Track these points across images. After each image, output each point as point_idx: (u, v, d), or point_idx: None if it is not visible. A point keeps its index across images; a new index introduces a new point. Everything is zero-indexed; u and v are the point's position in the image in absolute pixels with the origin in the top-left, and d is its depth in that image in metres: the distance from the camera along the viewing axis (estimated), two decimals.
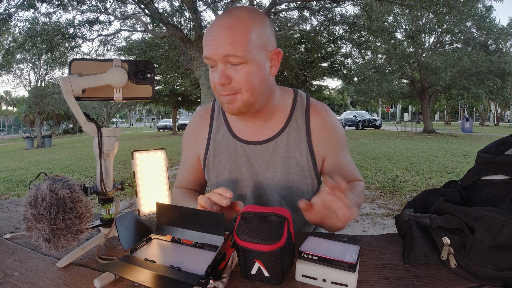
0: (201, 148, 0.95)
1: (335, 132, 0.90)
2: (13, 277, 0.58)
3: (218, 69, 0.74)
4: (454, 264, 0.57)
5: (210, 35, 0.74)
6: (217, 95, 0.79)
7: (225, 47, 0.71)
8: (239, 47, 0.72)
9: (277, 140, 0.88)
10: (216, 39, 0.72)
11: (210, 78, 0.78)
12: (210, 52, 0.74)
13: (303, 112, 0.90)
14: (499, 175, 0.63)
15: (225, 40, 0.71)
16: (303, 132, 0.88)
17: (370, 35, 9.96)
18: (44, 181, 0.58)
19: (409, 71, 16.04)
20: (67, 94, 0.60)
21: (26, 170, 7.02)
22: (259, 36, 0.75)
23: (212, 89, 0.79)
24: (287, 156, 0.87)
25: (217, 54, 0.73)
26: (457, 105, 27.11)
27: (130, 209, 2.50)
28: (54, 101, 16.49)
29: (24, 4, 6.68)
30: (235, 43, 0.72)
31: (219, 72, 0.74)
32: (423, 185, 4.64)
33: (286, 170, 0.87)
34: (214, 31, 0.73)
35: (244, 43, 0.72)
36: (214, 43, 0.73)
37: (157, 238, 0.67)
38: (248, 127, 0.89)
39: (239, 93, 0.76)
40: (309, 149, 0.88)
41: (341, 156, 0.91)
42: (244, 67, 0.74)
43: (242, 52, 0.72)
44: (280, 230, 0.53)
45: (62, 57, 9.70)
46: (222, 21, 0.74)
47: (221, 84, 0.74)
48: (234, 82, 0.75)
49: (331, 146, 0.89)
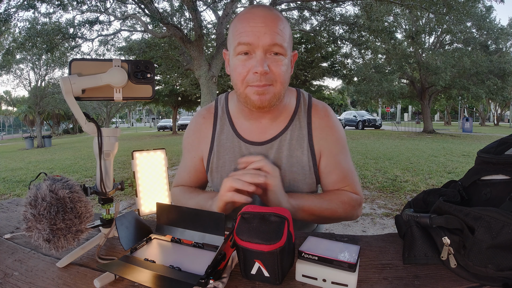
0: (204, 149, 0.94)
1: (333, 132, 0.90)
2: (13, 277, 0.58)
3: (257, 57, 0.73)
4: (454, 264, 0.56)
5: (254, 21, 0.73)
6: (244, 86, 0.77)
7: (273, 35, 0.72)
8: (285, 39, 0.75)
9: (281, 138, 0.88)
10: (262, 27, 0.72)
11: (240, 67, 0.76)
12: (253, 39, 0.72)
13: (306, 112, 0.90)
14: (499, 175, 0.63)
15: (273, 29, 0.73)
16: (305, 131, 0.88)
17: (370, 35, 9.94)
18: (44, 181, 0.58)
19: (409, 71, 16.04)
20: (67, 94, 0.60)
21: (26, 170, 7.02)
22: (290, 35, 0.79)
23: (239, 79, 0.77)
24: (289, 155, 0.87)
25: (262, 41, 0.72)
26: (457, 105, 27.10)
27: (130, 209, 2.50)
28: (54, 101, 16.49)
29: (24, 4, 6.68)
30: (283, 34, 0.74)
31: (260, 60, 0.73)
32: (423, 185, 4.64)
33: (289, 168, 0.87)
34: (260, 18, 0.73)
35: (286, 37, 0.75)
36: (259, 30, 0.72)
37: (157, 238, 0.67)
38: (254, 127, 0.89)
39: (272, 85, 0.76)
40: (310, 148, 0.88)
41: (338, 158, 0.89)
42: (283, 60, 0.76)
43: (286, 44, 0.75)
44: (280, 230, 0.53)
45: (62, 57, 9.71)
46: (266, 12, 0.75)
47: (264, 73, 0.73)
48: (271, 73, 0.75)
49: (327, 145, 0.89)
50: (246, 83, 0.76)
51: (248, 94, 0.78)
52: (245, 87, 0.77)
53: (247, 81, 0.76)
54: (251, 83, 0.75)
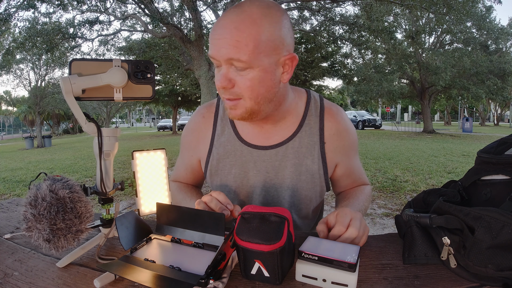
0: (202, 150, 0.90)
1: (349, 137, 0.86)
2: (13, 277, 0.58)
3: (222, 70, 0.68)
4: (454, 264, 0.56)
5: (215, 32, 0.67)
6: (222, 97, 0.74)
7: (228, 49, 0.64)
8: (245, 51, 0.64)
9: (288, 145, 0.82)
10: (220, 39, 0.65)
11: (215, 77, 0.72)
12: (214, 52, 0.67)
13: (317, 116, 0.84)
14: (499, 175, 0.63)
15: (229, 41, 0.64)
16: (317, 138, 0.83)
17: (370, 35, 9.96)
18: (44, 181, 0.58)
19: (409, 71, 16.04)
20: (67, 94, 0.60)
21: (26, 170, 7.02)
22: (270, 38, 0.65)
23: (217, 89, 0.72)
24: (297, 163, 0.82)
25: (220, 55, 0.66)
26: (457, 105, 27.11)
27: (130, 209, 2.50)
28: (54, 101, 16.50)
29: (24, 4, 6.68)
30: (240, 45, 0.64)
31: (221, 75, 0.68)
32: (423, 185, 4.64)
33: (296, 177, 0.82)
34: (219, 29, 0.66)
35: (251, 47, 0.64)
36: (218, 42, 0.66)
37: (157, 238, 0.67)
38: (257, 131, 0.84)
39: (242, 99, 0.70)
40: (322, 156, 0.83)
41: (352, 161, 0.89)
42: (250, 73, 0.67)
43: (248, 57, 0.64)
44: (280, 230, 0.53)
45: (62, 57, 9.71)
46: (229, 18, 0.65)
47: (223, 88, 0.69)
48: (237, 87, 0.68)
49: (344, 152, 0.86)
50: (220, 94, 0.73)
51: (224, 105, 0.75)
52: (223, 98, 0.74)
53: (220, 93, 0.72)
54: (222, 96, 0.72)
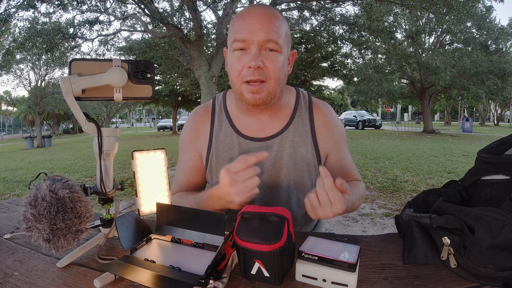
0: (203, 147, 0.92)
1: (337, 129, 0.92)
2: (13, 277, 0.58)
3: (251, 52, 0.75)
4: (454, 264, 0.56)
5: (250, 18, 0.75)
6: (240, 82, 0.78)
7: (267, 31, 0.74)
8: (280, 36, 0.76)
9: (283, 135, 0.87)
10: (258, 23, 0.74)
11: (235, 62, 0.78)
12: (248, 35, 0.74)
13: (307, 109, 0.91)
14: (499, 175, 0.63)
15: (268, 25, 0.75)
16: (308, 128, 0.89)
17: (370, 35, 9.95)
18: (44, 181, 0.58)
19: (409, 71, 16.04)
20: (67, 94, 0.60)
21: (26, 170, 7.02)
22: (288, 33, 0.81)
23: (235, 75, 0.78)
24: (293, 152, 0.87)
25: (257, 37, 0.74)
26: (457, 105, 27.10)
27: (130, 209, 2.50)
28: (54, 101, 16.50)
29: (24, 4, 6.68)
30: (277, 30, 0.76)
31: (254, 55, 0.74)
32: (423, 185, 4.64)
33: (292, 166, 0.86)
34: (256, 16, 0.75)
35: (283, 34, 0.77)
36: (255, 26, 0.74)
37: (157, 238, 0.67)
38: (253, 123, 0.89)
39: (266, 82, 0.77)
40: (314, 145, 0.88)
41: (343, 154, 0.93)
42: (278, 56, 0.77)
43: (282, 41, 0.76)
44: (280, 230, 0.53)
45: (62, 57, 9.69)
46: (262, 10, 0.77)
47: (257, 67, 0.74)
48: (265, 68, 0.76)
49: (334, 143, 0.91)
50: (241, 78, 0.77)
51: (243, 91, 0.79)
52: (241, 84, 0.78)
53: (242, 77, 0.77)
54: (246, 78, 0.76)
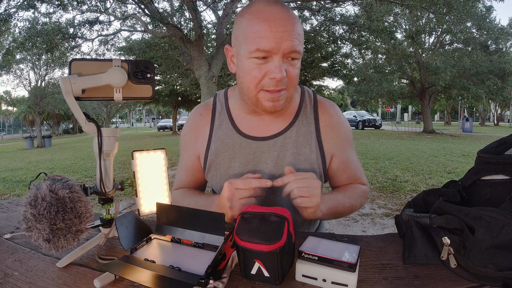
0: (201, 147, 0.91)
1: (343, 130, 0.89)
2: (13, 277, 0.58)
3: (275, 62, 0.70)
4: (454, 264, 0.56)
5: (274, 24, 0.68)
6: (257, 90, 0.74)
7: (293, 41, 0.69)
8: (301, 43, 0.71)
9: (286, 135, 0.84)
10: (284, 32, 0.68)
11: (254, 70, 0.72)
12: (274, 45, 0.68)
13: (312, 108, 0.88)
14: (499, 175, 0.63)
15: (293, 34, 0.69)
16: (312, 127, 0.86)
17: (370, 35, 9.95)
18: (44, 181, 0.58)
19: (409, 71, 16.04)
20: (67, 94, 0.60)
21: (26, 170, 7.02)
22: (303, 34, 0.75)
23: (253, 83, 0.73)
24: (296, 152, 0.84)
25: (283, 47, 0.68)
26: (457, 105, 27.11)
27: (130, 209, 2.50)
28: (54, 101, 16.50)
29: (24, 4, 6.68)
30: (300, 38, 0.70)
31: (279, 66, 0.69)
32: (423, 185, 4.64)
33: (295, 167, 0.83)
34: (279, 21, 0.68)
35: (302, 40, 0.72)
36: (281, 36, 0.68)
37: (157, 238, 0.67)
38: (256, 123, 0.86)
39: (285, 89, 0.74)
40: (319, 145, 0.86)
41: (348, 155, 0.90)
42: (297, 63, 0.74)
43: (302, 47, 0.72)
44: (280, 230, 0.53)
45: (62, 57, 9.70)
46: (283, 13, 0.70)
47: (282, 79, 0.70)
48: (287, 77, 0.73)
49: (339, 144, 0.88)
50: (260, 87, 0.73)
51: (260, 99, 0.75)
52: (258, 91, 0.74)
53: (261, 85, 0.73)
54: (266, 88, 0.73)
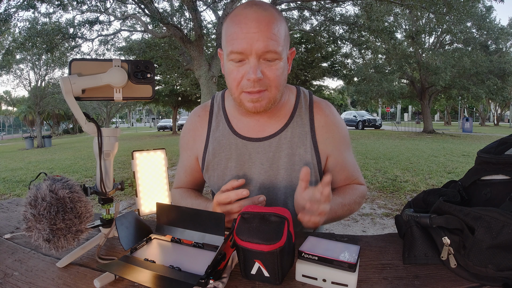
0: (199, 148, 0.92)
1: (339, 130, 0.89)
2: (13, 277, 0.58)
3: (251, 63, 0.71)
4: (454, 264, 0.56)
5: (246, 25, 0.69)
6: (239, 91, 0.75)
7: (266, 42, 0.69)
8: (279, 43, 0.71)
9: (281, 136, 0.85)
10: (255, 33, 0.69)
11: (234, 72, 0.74)
12: (246, 46, 0.69)
13: (307, 108, 0.88)
14: (499, 175, 0.63)
15: (266, 34, 0.69)
16: (307, 128, 0.86)
17: (370, 35, 9.97)
18: (44, 181, 0.58)
19: (409, 71, 16.04)
20: (67, 94, 0.60)
21: (26, 170, 7.02)
22: (287, 34, 0.75)
23: (234, 85, 0.75)
24: (291, 153, 0.84)
25: (255, 48, 0.69)
26: (457, 105, 27.10)
27: (130, 209, 2.50)
28: (54, 101, 16.51)
29: (24, 4, 6.68)
30: (276, 38, 0.70)
31: (253, 67, 0.70)
32: (423, 185, 4.64)
33: (290, 167, 0.84)
34: (252, 22, 0.69)
35: (281, 40, 0.72)
36: (251, 36, 0.69)
37: (157, 238, 0.67)
38: (251, 124, 0.87)
39: (267, 90, 0.74)
40: (314, 146, 0.86)
41: (344, 155, 0.90)
42: (277, 64, 0.73)
43: (281, 48, 0.71)
44: (280, 230, 0.53)
45: (62, 57, 9.70)
46: (258, 13, 0.70)
47: (258, 80, 0.71)
48: (265, 78, 0.72)
49: (335, 144, 0.88)
50: (240, 88, 0.74)
51: (242, 100, 0.76)
52: (240, 93, 0.75)
53: (241, 87, 0.74)
54: (245, 89, 0.74)
